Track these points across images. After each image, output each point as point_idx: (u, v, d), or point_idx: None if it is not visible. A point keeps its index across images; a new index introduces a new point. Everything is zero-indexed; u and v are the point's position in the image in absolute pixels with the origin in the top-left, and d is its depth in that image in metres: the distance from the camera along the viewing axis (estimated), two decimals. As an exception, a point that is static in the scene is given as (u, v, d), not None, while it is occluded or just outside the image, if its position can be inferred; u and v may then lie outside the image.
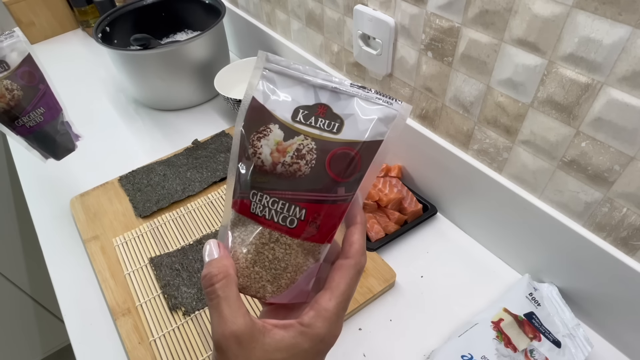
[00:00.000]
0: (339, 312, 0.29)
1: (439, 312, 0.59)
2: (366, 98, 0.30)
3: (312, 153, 0.29)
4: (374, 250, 0.64)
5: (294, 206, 0.29)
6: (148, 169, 0.80)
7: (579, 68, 0.43)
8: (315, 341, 0.29)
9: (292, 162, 0.29)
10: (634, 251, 0.47)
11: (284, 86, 0.30)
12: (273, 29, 0.92)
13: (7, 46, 0.57)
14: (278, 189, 0.29)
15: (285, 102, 0.30)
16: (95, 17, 1.23)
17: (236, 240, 0.31)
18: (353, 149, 0.29)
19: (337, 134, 0.29)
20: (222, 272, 0.29)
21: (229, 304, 0.29)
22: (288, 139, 0.29)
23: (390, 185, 0.70)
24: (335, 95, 0.29)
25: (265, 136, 0.29)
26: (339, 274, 0.30)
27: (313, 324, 0.29)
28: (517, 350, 0.50)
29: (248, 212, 0.30)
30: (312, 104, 0.29)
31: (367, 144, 0.29)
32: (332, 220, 0.30)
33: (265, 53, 0.31)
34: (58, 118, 0.63)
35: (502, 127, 0.54)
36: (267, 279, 0.31)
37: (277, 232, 0.30)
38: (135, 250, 0.67)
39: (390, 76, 0.67)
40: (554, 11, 0.42)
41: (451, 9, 0.52)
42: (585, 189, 0.49)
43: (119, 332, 0.58)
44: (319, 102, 0.29)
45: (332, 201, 0.29)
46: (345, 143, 0.29)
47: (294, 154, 0.29)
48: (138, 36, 0.92)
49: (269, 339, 0.28)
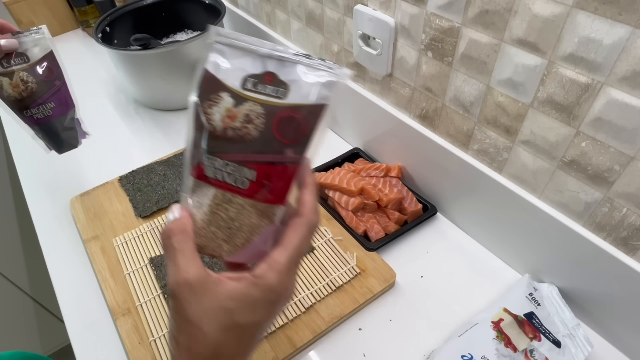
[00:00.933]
0: (290, 265, 0.31)
1: (439, 312, 0.59)
2: (310, 65, 0.31)
3: (260, 117, 0.31)
4: (374, 250, 0.64)
5: (244, 168, 0.31)
6: (148, 169, 0.80)
7: (579, 68, 0.43)
8: (266, 291, 0.30)
9: (241, 127, 0.31)
10: (634, 251, 0.47)
11: (233, 57, 0.32)
12: (273, 29, 0.92)
13: (31, 41, 0.60)
14: (229, 152, 0.31)
15: (234, 72, 0.31)
16: (95, 17, 1.23)
17: (195, 204, 0.33)
18: (298, 112, 0.31)
19: (283, 99, 0.31)
20: (178, 228, 0.31)
21: (184, 255, 0.30)
22: (238, 106, 0.31)
23: (390, 185, 0.70)
24: (280, 63, 0.31)
25: (217, 104, 0.31)
26: (291, 230, 0.32)
27: (264, 275, 0.30)
28: (517, 350, 0.50)
29: (203, 176, 0.32)
30: (259, 72, 0.31)
31: (312, 108, 0.31)
32: (283, 182, 0.31)
33: (217, 27, 0.32)
34: (67, 114, 0.65)
35: (502, 127, 0.54)
36: (222, 238, 0.33)
37: (229, 192, 0.32)
38: (135, 250, 0.67)
39: (390, 76, 0.67)
40: (554, 11, 0.42)
41: (451, 9, 0.52)
42: (585, 189, 0.49)
43: (119, 332, 0.58)
44: (266, 70, 0.31)
45: (280, 162, 0.31)
46: (290, 107, 0.31)
47: (243, 119, 0.31)
48: (138, 36, 0.92)
49: (221, 288, 0.30)
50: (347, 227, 0.67)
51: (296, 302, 0.58)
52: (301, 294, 0.59)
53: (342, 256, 0.63)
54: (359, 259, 0.63)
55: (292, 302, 0.58)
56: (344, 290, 0.60)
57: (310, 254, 0.64)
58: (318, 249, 0.65)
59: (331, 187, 0.70)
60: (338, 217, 0.69)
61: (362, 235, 0.66)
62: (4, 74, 0.58)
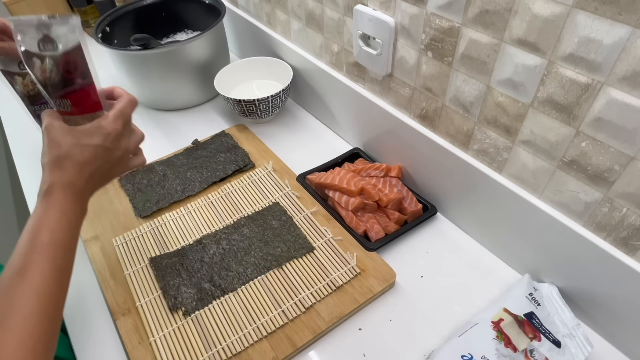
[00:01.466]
0: (116, 118, 0.49)
1: (439, 312, 0.59)
2: (61, 23, 0.47)
3: (54, 67, 0.47)
4: (374, 250, 0.64)
5: (63, 99, 0.48)
6: (148, 169, 0.80)
7: (579, 68, 0.43)
8: (100, 129, 0.48)
9: (50, 76, 0.47)
10: (634, 251, 0.47)
11: (27, 33, 0.47)
12: (273, 29, 0.92)
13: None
14: (53, 93, 0.48)
15: (31, 42, 0.47)
16: (95, 17, 1.23)
17: None
18: (67, 54, 0.47)
19: (57, 50, 0.46)
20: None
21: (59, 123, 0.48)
22: (43, 62, 0.47)
23: (390, 185, 0.70)
24: (47, 26, 0.46)
25: (34, 65, 0.47)
26: (117, 103, 0.51)
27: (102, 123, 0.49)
28: (517, 350, 0.50)
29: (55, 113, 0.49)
30: (41, 36, 0.47)
31: (72, 50, 0.47)
32: (89, 97, 0.49)
33: (18, 18, 0.46)
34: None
35: (502, 127, 0.54)
36: None
37: (66, 116, 0.49)
38: (135, 250, 0.67)
39: (390, 76, 0.67)
40: (554, 11, 0.42)
41: (451, 9, 0.52)
42: (585, 189, 0.49)
43: (119, 332, 0.58)
44: (43, 34, 0.47)
45: (79, 88, 0.48)
46: (62, 53, 0.47)
47: (48, 70, 0.47)
48: (138, 36, 0.92)
49: (74, 130, 0.47)
50: (347, 227, 0.67)
51: (296, 302, 0.58)
52: (301, 294, 0.59)
53: (342, 256, 0.63)
54: (359, 259, 0.63)
55: (292, 301, 0.58)
56: (344, 290, 0.60)
57: (310, 253, 0.64)
58: (318, 249, 0.65)
59: (331, 187, 0.70)
60: (338, 217, 0.69)
61: (362, 235, 0.66)
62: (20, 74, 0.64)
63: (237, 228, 0.68)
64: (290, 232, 0.67)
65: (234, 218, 0.70)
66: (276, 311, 0.58)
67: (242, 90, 0.93)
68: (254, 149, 0.83)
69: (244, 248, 0.65)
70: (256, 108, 0.84)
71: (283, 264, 0.63)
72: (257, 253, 0.64)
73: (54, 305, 0.42)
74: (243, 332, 0.56)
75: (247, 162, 0.80)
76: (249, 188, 0.75)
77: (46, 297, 0.41)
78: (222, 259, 0.64)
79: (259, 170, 0.78)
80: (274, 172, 0.78)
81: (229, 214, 0.71)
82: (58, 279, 0.43)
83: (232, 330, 0.56)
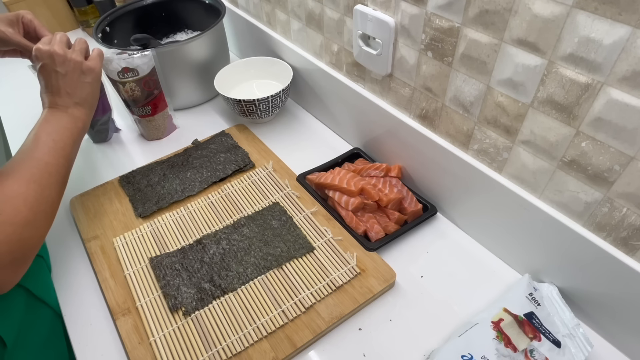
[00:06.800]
0: (44, 43, 0.62)
1: (439, 312, 0.59)
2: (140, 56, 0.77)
3: (136, 87, 0.77)
4: (374, 250, 0.64)
5: (145, 107, 0.80)
6: (148, 169, 0.80)
7: (579, 68, 0.43)
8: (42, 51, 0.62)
9: (133, 93, 0.78)
10: (634, 251, 0.47)
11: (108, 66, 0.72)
12: (273, 29, 0.92)
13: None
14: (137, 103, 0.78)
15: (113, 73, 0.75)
16: (95, 17, 1.23)
17: None
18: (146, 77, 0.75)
19: (138, 75, 0.74)
20: None
21: None
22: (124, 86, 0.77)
23: (390, 185, 0.70)
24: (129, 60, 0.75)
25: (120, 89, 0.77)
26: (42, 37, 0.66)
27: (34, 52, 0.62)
28: (517, 350, 0.50)
29: None
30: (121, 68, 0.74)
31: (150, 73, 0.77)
32: (162, 101, 0.83)
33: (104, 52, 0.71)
34: (103, 117, 0.84)
35: (502, 127, 0.54)
36: None
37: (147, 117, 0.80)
38: (135, 250, 0.67)
39: (390, 76, 0.67)
40: (554, 11, 0.42)
41: (451, 9, 0.52)
42: (585, 189, 0.49)
43: (119, 332, 0.58)
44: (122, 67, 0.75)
45: (155, 96, 0.80)
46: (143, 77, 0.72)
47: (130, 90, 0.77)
48: (138, 36, 0.92)
49: None
50: (347, 227, 0.67)
51: (296, 302, 0.58)
52: (301, 294, 0.59)
53: (342, 256, 0.63)
54: (359, 259, 0.63)
55: (292, 301, 0.58)
56: (344, 290, 0.60)
57: (310, 253, 0.64)
58: (318, 249, 0.65)
59: (331, 187, 0.70)
60: (338, 217, 0.69)
61: (362, 235, 0.66)
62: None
63: (237, 228, 0.68)
64: (290, 232, 0.67)
65: (234, 218, 0.70)
66: (276, 311, 0.58)
67: (242, 90, 0.93)
68: (254, 149, 0.83)
69: (244, 248, 0.65)
70: (256, 108, 0.84)
71: (283, 264, 0.63)
72: (257, 253, 0.64)
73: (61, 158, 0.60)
74: (243, 332, 0.56)
75: (247, 162, 0.80)
76: (248, 188, 0.75)
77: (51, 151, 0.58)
78: (222, 259, 0.64)
79: (259, 170, 0.78)
80: (274, 172, 0.78)
81: (229, 214, 0.71)
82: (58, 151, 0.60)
83: (232, 330, 0.56)
